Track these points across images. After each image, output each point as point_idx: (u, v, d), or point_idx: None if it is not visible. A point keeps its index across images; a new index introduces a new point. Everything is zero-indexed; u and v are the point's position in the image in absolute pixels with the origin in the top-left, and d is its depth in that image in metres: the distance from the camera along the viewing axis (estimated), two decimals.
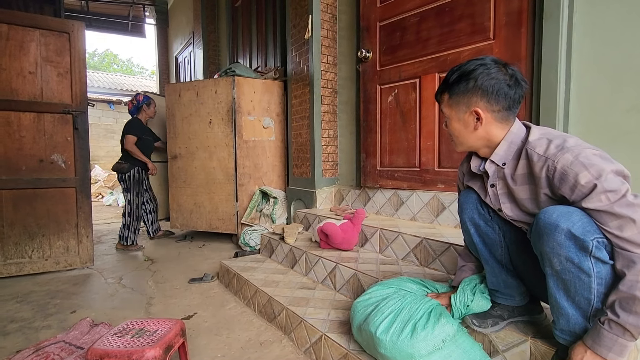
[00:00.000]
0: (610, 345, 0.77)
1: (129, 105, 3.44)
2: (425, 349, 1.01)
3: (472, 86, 0.93)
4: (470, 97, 0.94)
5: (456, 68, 0.97)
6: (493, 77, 0.91)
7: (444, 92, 1.00)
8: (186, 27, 5.94)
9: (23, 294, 2.12)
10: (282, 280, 1.92)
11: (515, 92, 0.92)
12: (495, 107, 0.93)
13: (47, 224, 2.50)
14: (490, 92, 0.92)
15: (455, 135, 1.01)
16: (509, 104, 0.93)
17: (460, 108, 0.97)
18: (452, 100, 0.98)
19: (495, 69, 0.92)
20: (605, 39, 1.38)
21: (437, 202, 1.97)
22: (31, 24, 2.42)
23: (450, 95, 0.98)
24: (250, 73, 3.24)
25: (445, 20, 1.93)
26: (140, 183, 3.26)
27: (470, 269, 1.20)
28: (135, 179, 3.22)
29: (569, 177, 0.80)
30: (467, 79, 0.93)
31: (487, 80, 0.91)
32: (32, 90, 2.43)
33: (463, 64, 0.96)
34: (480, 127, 0.95)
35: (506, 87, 0.91)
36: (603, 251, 0.78)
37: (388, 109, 2.28)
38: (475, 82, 0.92)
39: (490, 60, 0.94)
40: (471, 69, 0.93)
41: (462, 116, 0.97)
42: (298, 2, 2.71)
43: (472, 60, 0.95)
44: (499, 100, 0.92)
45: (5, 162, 2.37)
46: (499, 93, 0.91)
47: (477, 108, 0.93)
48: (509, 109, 0.93)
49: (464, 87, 0.94)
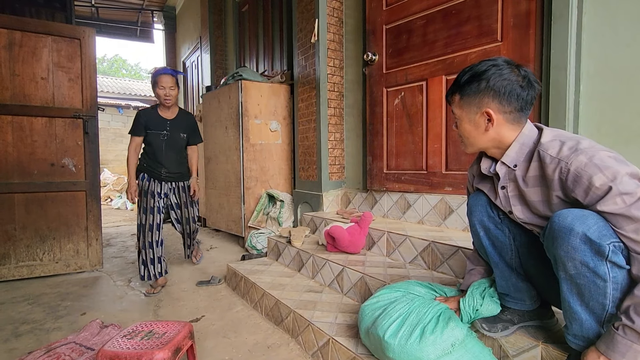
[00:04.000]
0: (624, 351, 0.76)
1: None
2: (434, 353, 1.00)
3: (484, 87, 0.92)
4: (481, 98, 0.93)
5: (468, 69, 0.96)
6: (505, 78, 0.90)
7: (455, 93, 0.99)
8: (194, 32, 6.01)
9: (34, 296, 2.15)
10: (289, 284, 1.92)
11: (528, 94, 0.91)
12: (507, 108, 0.92)
13: (57, 227, 2.54)
14: (502, 93, 0.91)
15: (466, 137, 1.00)
16: (521, 105, 0.92)
17: (471, 109, 0.96)
18: (463, 101, 0.97)
19: (507, 70, 0.91)
20: (616, 40, 1.36)
21: (445, 205, 1.96)
22: (43, 30, 2.47)
23: (462, 96, 0.97)
24: (257, 77, 3.26)
25: (451, 22, 1.92)
26: (147, 195, 2.25)
27: (479, 272, 1.19)
28: (141, 188, 2.27)
29: (583, 180, 0.79)
30: (479, 80, 0.92)
31: (499, 81, 0.90)
32: (44, 96, 2.48)
33: (475, 65, 0.95)
34: (492, 129, 0.94)
35: (519, 89, 0.90)
36: (619, 255, 0.77)
37: (394, 111, 2.28)
38: (487, 83, 0.91)
39: (502, 61, 0.93)
40: (483, 69, 0.92)
41: (473, 117, 0.96)
42: (304, 6, 2.72)
43: (484, 61, 0.94)
44: (511, 102, 0.91)
45: (18, 166, 2.42)
46: (511, 94, 0.91)
47: (489, 109, 0.93)
48: (521, 110, 0.92)
49: (475, 88, 0.93)
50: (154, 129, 2.28)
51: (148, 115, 2.29)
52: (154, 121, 2.29)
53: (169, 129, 2.32)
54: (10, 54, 2.38)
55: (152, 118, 2.29)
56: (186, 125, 2.40)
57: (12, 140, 2.40)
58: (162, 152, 2.29)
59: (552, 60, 1.49)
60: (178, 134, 2.35)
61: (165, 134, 2.30)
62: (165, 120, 2.31)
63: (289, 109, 3.23)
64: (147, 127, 2.27)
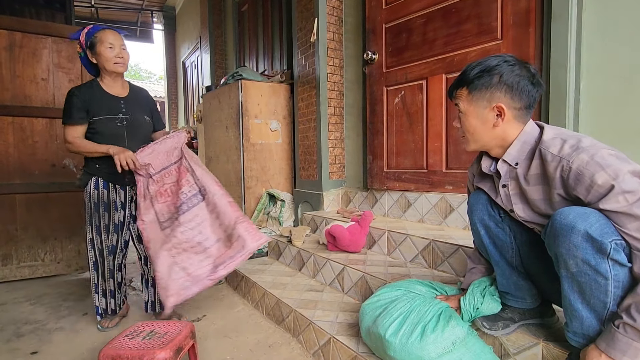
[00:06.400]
0: (625, 349, 0.76)
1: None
2: (435, 351, 1.00)
3: (497, 81, 0.91)
4: (493, 92, 0.93)
5: (475, 64, 0.96)
6: (517, 74, 0.90)
7: (463, 87, 0.97)
8: (193, 32, 6.02)
9: (36, 297, 2.16)
10: (290, 283, 1.93)
11: (537, 91, 0.92)
12: (518, 104, 0.92)
13: (59, 227, 2.55)
14: (515, 88, 0.91)
15: (470, 132, 0.99)
16: (529, 102, 0.92)
17: (480, 103, 0.95)
18: (472, 95, 0.96)
19: (518, 66, 0.91)
20: (616, 38, 1.36)
21: (445, 203, 1.96)
22: (44, 31, 2.47)
23: (471, 90, 0.96)
24: (257, 76, 3.26)
25: (451, 21, 1.92)
26: (102, 208, 1.63)
27: (480, 271, 1.19)
28: (93, 198, 1.61)
29: (585, 178, 0.78)
30: (491, 74, 0.92)
31: (512, 77, 0.90)
32: (44, 96, 2.48)
33: (483, 60, 0.95)
34: (500, 124, 0.94)
35: (529, 85, 0.91)
36: (621, 253, 0.77)
37: (395, 110, 2.27)
38: (501, 77, 0.91)
39: (511, 57, 0.93)
40: (494, 64, 0.92)
41: (481, 112, 0.95)
42: (304, 5, 2.72)
43: (493, 57, 0.94)
44: (522, 98, 0.91)
45: (20, 166, 2.43)
46: (523, 90, 0.91)
47: (501, 104, 0.92)
48: (528, 107, 0.93)
49: (487, 82, 0.93)
50: (104, 113, 1.60)
51: (87, 94, 1.59)
52: (99, 101, 1.60)
53: (124, 111, 1.65)
54: (11, 55, 2.38)
55: (96, 97, 1.60)
56: (145, 103, 1.77)
57: (13, 141, 2.41)
58: (123, 145, 1.62)
59: (552, 58, 1.49)
60: (141, 116, 1.72)
61: (121, 117, 1.63)
62: (117, 99, 1.65)
63: (289, 108, 3.23)
64: (89, 111, 1.59)
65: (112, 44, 1.60)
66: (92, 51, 1.61)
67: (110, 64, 1.60)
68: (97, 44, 1.59)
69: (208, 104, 3.60)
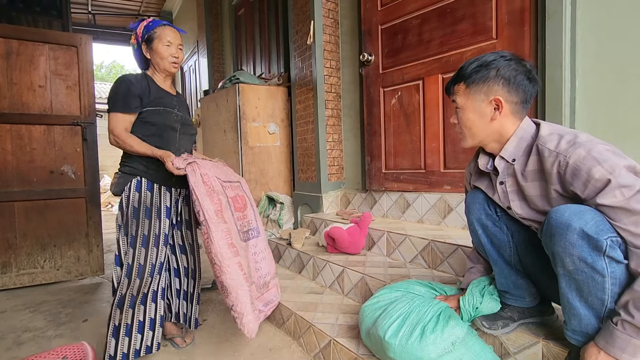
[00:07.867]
0: (623, 346, 0.76)
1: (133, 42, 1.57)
2: (434, 352, 1.00)
3: (494, 75, 0.93)
4: (490, 85, 0.93)
5: (472, 60, 0.97)
6: (514, 68, 0.92)
7: (460, 82, 0.98)
8: (190, 37, 6.03)
9: (36, 304, 2.15)
10: (290, 285, 1.92)
11: (533, 87, 0.93)
12: (515, 98, 0.93)
13: (58, 234, 2.54)
14: (512, 82, 0.92)
15: (468, 127, 0.99)
16: (526, 97, 0.93)
17: (478, 97, 0.95)
18: (469, 89, 0.96)
19: (514, 61, 0.93)
20: (611, 35, 1.37)
21: (444, 203, 1.96)
22: (40, 39, 2.48)
23: (468, 84, 0.96)
24: (254, 80, 3.27)
25: (446, 21, 1.93)
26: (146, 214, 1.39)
27: (479, 270, 1.19)
28: (132, 203, 1.39)
29: (582, 172, 0.79)
30: (488, 68, 0.93)
31: (509, 70, 0.92)
32: (42, 103, 2.49)
33: (480, 56, 0.96)
34: (498, 118, 0.94)
35: (526, 80, 0.92)
36: (617, 250, 0.77)
37: (392, 111, 2.28)
38: (498, 71, 0.92)
39: (507, 53, 0.95)
40: (491, 59, 0.94)
41: (479, 105, 0.96)
42: (300, 8, 2.73)
43: (490, 53, 0.96)
44: (518, 92, 0.92)
45: (18, 174, 2.42)
46: (520, 84, 0.92)
47: (498, 96, 0.93)
48: (524, 102, 0.94)
49: (484, 76, 0.94)
50: (161, 104, 1.46)
51: (143, 83, 1.45)
52: (155, 92, 1.47)
53: (178, 108, 1.54)
54: (8, 62, 2.39)
55: (152, 88, 1.47)
56: (188, 109, 1.67)
57: (11, 148, 2.41)
58: (175, 141, 1.50)
59: (548, 57, 1.50)
60: (189, 118, 1.62)
61: (177, 113, 1.51)
62: (171, 95, 1.54)
63: (286, 111, 3.24)
64: (143, 100, 1.43)
65: (170, 42, 1.49)
66: (148, 46, 1.49)
67: (166, 62, 1.49)
68: (155, 40, 1.48)
69: (206, 108, 3.61)
